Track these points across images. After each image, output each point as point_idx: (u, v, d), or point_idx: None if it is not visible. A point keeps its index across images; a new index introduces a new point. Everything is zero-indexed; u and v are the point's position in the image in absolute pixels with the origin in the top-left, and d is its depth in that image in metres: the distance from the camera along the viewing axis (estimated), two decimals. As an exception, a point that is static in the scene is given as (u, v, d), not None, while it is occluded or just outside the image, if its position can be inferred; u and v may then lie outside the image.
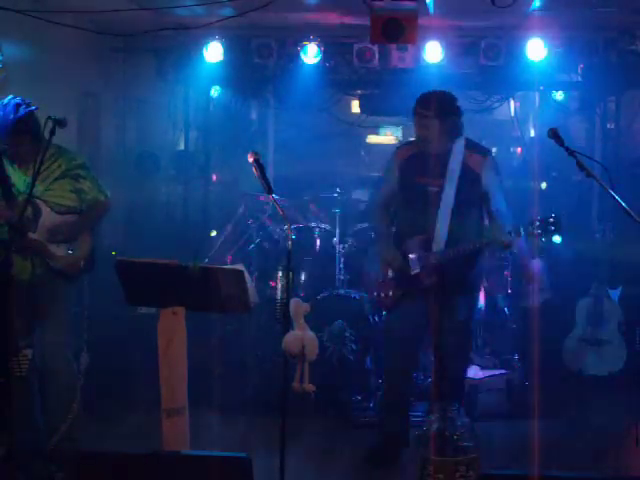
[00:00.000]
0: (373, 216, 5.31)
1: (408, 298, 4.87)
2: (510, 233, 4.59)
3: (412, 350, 5.06)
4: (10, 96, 4.37)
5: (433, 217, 4.75)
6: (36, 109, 4.36)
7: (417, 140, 4.87)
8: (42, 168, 4.22)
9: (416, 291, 4.83)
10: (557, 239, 6.05)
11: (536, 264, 6.15)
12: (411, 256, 4.80)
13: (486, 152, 4.91)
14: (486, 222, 4.88)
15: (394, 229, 5.03)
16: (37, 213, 4.39)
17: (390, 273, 4.90)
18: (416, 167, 4.84)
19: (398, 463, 4.92)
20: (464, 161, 4.77)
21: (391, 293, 4.91)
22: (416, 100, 4.80)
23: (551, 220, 4.49)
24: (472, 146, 4.85)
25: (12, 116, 4.27)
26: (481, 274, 4.98)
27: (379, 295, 4.98)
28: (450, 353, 4.90)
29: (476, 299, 4.97)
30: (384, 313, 5.41)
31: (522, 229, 4.55)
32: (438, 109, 4.73)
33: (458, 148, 4.79)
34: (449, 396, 4.72)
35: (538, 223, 4.51)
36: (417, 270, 4.78)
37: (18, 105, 4.30)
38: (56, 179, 4.47)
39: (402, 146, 5.13)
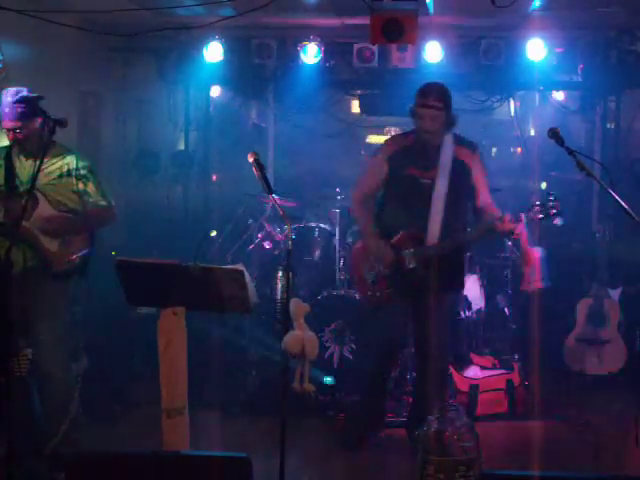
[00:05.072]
0: (356, 212, 5.07)
1: (398, 295, 4.79)
2: (502, 220, 4.48)
3: (394, 347, 5.03)
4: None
5: (426, 210, 4.67)
6: (38, 97, 4.41)
7: (419, 132, 4.72)
8: (48, 163, 4.40)
9: (407, 288, 4.75)
10: (558, 222, 6.02)
11: (536, 251, 6.20)
12: (407, 251, 4.71)
13: (475, 147, 4.85)
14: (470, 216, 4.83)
15: (380, 222, 4.88)
16: (34, 204, 4.42)
17: (382, 270, 4.78)
18: (407, 159, 4.75)
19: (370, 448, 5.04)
20: (454, 154, 4.71)
21: (385, 290, 4.80)
22: (422, 92, 4.65)
23: (550, 204, 4.43)
24: (461, 140, 4.80)
25: (10, 98, 4.37)
26: (464, 271, 4.93)
27: (374, 294, 4.85)
28: (433, 351, 4.84)
29: (461, 296, 4.94)
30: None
31: (524, 215, 4.47)
32: (445, 101, 4.64)
33: (448, 141, 4.73)
34: (433, 394, 4.71)
35: (538, 207, 4.44)
36: (413, 265, 4.68)
37: (18, 91, 4.40)
38: (61, 176, 4.51)
39: (393, 138, 5.01)
